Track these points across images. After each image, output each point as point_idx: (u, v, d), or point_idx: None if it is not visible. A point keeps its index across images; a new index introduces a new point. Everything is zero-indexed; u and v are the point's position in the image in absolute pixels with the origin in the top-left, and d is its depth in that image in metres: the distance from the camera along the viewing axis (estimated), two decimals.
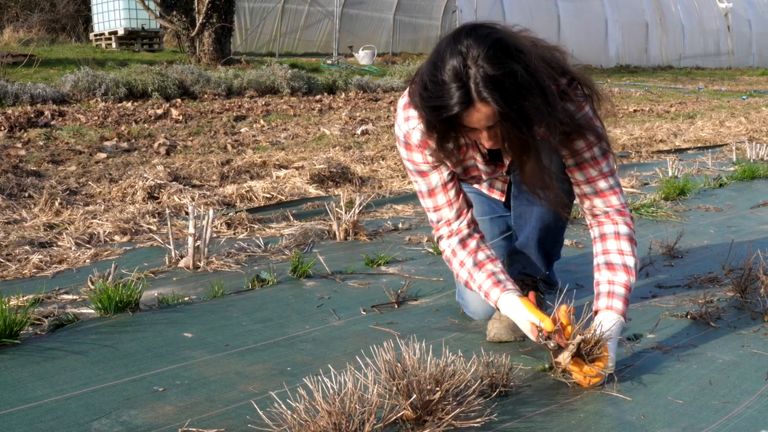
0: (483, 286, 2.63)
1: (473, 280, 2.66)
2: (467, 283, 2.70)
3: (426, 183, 2.71)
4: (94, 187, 5.52)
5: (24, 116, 8.67)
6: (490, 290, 2.61)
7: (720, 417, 2.22)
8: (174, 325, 2.93)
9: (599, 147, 2.59)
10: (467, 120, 2.24)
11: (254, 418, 2.08)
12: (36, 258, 3.71)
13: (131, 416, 2.19)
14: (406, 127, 2.62)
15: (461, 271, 2.70)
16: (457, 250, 2.71)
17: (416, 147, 2.63)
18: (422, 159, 2.65)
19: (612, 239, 2.67)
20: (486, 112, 2.20)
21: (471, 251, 2.69)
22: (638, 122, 11.46)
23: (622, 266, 2.63)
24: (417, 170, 2.70)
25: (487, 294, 2.63)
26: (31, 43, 18.01)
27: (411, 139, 2.62)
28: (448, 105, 2.19)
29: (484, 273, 2.64)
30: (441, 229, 2.75)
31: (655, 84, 20.91)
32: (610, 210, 2.67)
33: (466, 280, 2.69)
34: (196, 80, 11.96)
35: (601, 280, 2.65)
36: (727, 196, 5.83)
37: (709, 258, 3.96)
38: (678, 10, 28.85)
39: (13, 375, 2.45)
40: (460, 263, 2.70)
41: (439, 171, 2.67)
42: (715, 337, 2.83)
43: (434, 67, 2.23)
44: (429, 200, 2.74)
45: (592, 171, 2.61)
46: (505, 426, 2.14)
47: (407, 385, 2.05)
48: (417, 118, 2.47)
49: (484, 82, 2.14)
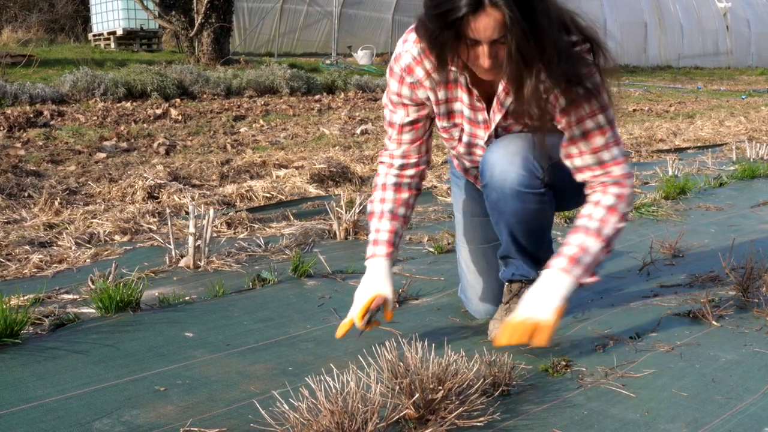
0: (374, 235, 2.74)
1: (375, 220, 2.75)
2: (371, 215, 2.77)
3: (389, 113, 2.72)
4: (94, 187, 5.51)
5: (23, 116, 8.66)
6: (373, 243, 2.73)
7: (723, 413, 2.21)
8: (175, 324, 2.93)
9: (605, 116, 2.45)
10: (473, 28, 2.14)
11: (256, 417, 2.07)
12: (36, 258, 3.70)
13: (133, 416, 2.18)
14: (400, 48, 2.58)
15: (374, 205, 2.77)
16: (388, 183, 2.77)
17: (400, 71, 2.59)
18: (397, 89, 2.63)
19: (591, 206, 2.53)
20: (495, 18, 2.11)
21: (396, 200, 2.76)
22: (638, 122, 11.46)
23: (583, 228, 2.51)
24: (389, 98, 2.70)
25: (373, 242, 2.73)
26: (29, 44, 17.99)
27: (399, 61, 2.58)
28: (456, 6, 2.11)
29: (386, 224, 2.73)
30: (383, 156, 2.79)
31: (654, 84, 20.90)
32: (608, 180, 2.52)
33: (371, 211, 2.77)
34: (195, 80, 11.95)
35: (572, 242, 2.53)
36: (728, 195, 5.83)
37: (710, 257, 3.96)
38: (677, 10, 28.85)
39: (14, 375, 2.44)
40: (381, 199, 2.76)
41: (405, 110, 2.67)
42: (718, 336, 2.82)
43: None
44: (388, 129, 2.76)
45: (598, 140, 2.46)
46: (507, 424, 2.14)
47: (410, 384, 2.05)
48: (415, 42, 2.50)
49: None
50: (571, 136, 2.48)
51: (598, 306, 3.20)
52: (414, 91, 2.61)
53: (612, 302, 3.25)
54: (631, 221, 4.85)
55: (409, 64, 2.55)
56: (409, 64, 2.55)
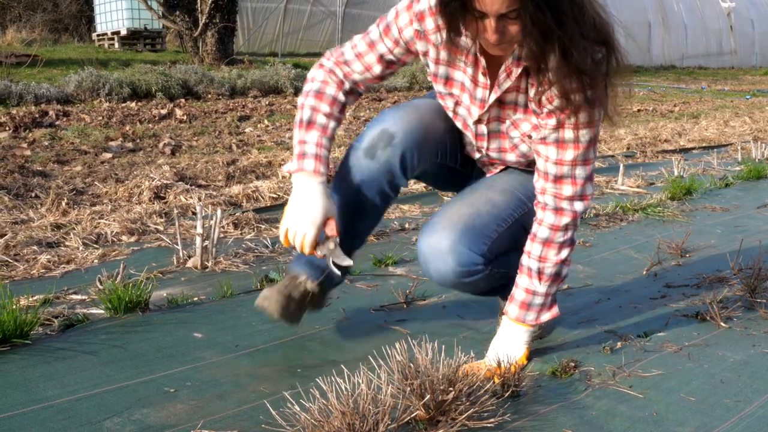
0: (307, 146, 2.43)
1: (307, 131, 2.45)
2: (300, 123, 2.46)
3: (377, 36, 2.46)
4: (101, 187, 5.52)
5: (29, 116, 8.67)
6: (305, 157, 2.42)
7: (732, 416, 2.22)
8: (184, 325, 2.93)
9: (588, 131, 2.34)
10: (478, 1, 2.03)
11: (267, 418, 2.08)
12: (44, 258, 3.71)
13: (143, 415, 2.19)
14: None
15: (306, 111, 2.47)
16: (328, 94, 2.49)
17: (413, 14, 2.37)
18: (403, 24, 2.40)
19: (529, 241, 2.48)
20: None
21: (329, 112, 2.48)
22: (642, 122, 11.46)
23: (526, 269, 2.48)
24: (388, 22, 2.43)
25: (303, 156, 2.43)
26: (34, 44, 18.01)
27: (416, 4, 2.36)
28: None
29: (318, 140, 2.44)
30: (336, 65, 2.52)
31: (658, 84, 20.88)
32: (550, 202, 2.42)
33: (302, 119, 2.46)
34: (199, 80, 11.96)
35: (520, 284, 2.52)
36: (734, 195, 5.83)
37: (717, 258, 3.96)
38: (680, 10, 28.82)
39: (25, 375, 2.45)
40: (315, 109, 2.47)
41: (394, 46, 2.44)
42: (726, 337, 2.83)
43: None
44: (363, 47, 2.49)
45: (568, 154, 2.36)
46: (517, 425, 2.14)
47: (420, 386, 2.05)
48: None
49: None
50: (544, 137, 2.38)
51: (606, 306, 3.21)
52: (415, 39, 2.41)
53: (619, 303, 3.25)
54: (637, 222, 4.85)
55: (423, 11, 2.35)
56: (423, 11, 2.35)
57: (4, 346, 2.62)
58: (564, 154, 2.36)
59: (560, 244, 2.45)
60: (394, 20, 2.41)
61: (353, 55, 2.49)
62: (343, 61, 2.51)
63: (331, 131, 2.47)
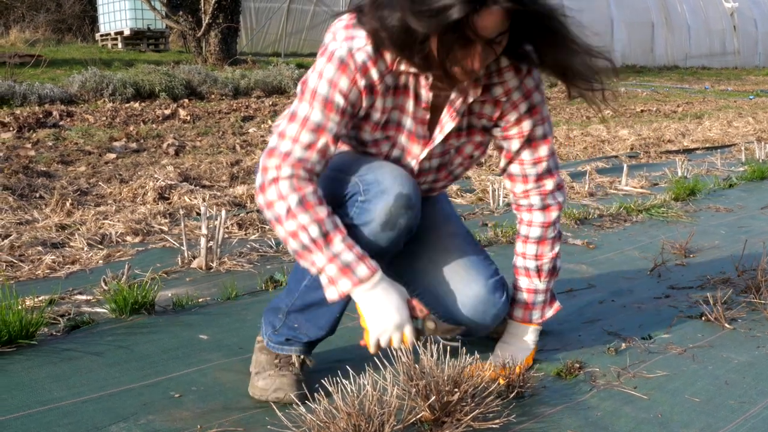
0: (355, 247, 2.12)
1: (332, 241, 2.09)
2: (327, 235, 2.08)
3: (324, 116, 2.12)
4: (105, 188, 5.53)
5: (32, 117, 8.68)
6: (366, 257, 2.12)
7: (737, 417, 2.22)
8: (189, 327, 2.94)
9: (549, 124, 2.39)
10: (479, 26, 1.91)
11: (273, 420, 2.08)
12: (49, 258, 3.72)
13: (149, 420, 2.19)
14: (348, 45, 2.11)
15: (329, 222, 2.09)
16: (312, 200, 2.09)
17: (355, 70, 2.11)
18: (346, 87, 2.12)
19: (521, 243, 2.51)
20: (501, 13, 1.92)
21: (329, 210, 2.11)
22: (646, 122, 11.45)
23: (524, 270, 2.53)
24: (327, 99, 2.11)
25: (363, 258, 2.11)
26: (37, 44, 18.03)
27: (354, 57, 2.10)
28: (455, 3, 1.85)
29: (350, 239, 2.13)
30: (302, 170, 2.10)
31: (661, 84, 20.87)
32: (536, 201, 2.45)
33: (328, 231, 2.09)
34: (203, 80, 11.97)
35: (520, 286, 2.54)
36: (737, 196, 5.82)
37: (721, 258, 3.96)
38: (684, 10, 28.79)
39: (30, 376, 2.46)
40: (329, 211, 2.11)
41: (341, 120, 2.14)
42: (730, 338, 2.83)
43: None
44: (310, 135, 2.11)
45: (542, 150, 2.38)
46: (523, 427, 2.15)
47: (425, 387, 2.05)
48: (366, 38, 2.09)
49: None
50: (512, 144, 2.38)
51: (610, 307, 3.21)
52: (362, 97, 2.17)
53: (623, 303, 3.25)
54: (641, 222, 4.85)
55: (364, 62, 2.11)
56: (364, 63, 2.11)
57: (9, 346, 2.63)
58: (540, 152, 2.39)
59: (552, 240, 2.51)
60: (332, 91, 2.12)
61: (303, 149, 2.11)
62: (297, 159, 2.11)
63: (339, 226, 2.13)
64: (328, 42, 2.16)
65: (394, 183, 2.19)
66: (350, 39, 2.12)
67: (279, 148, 2.12)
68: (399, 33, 1.97)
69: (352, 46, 2.10)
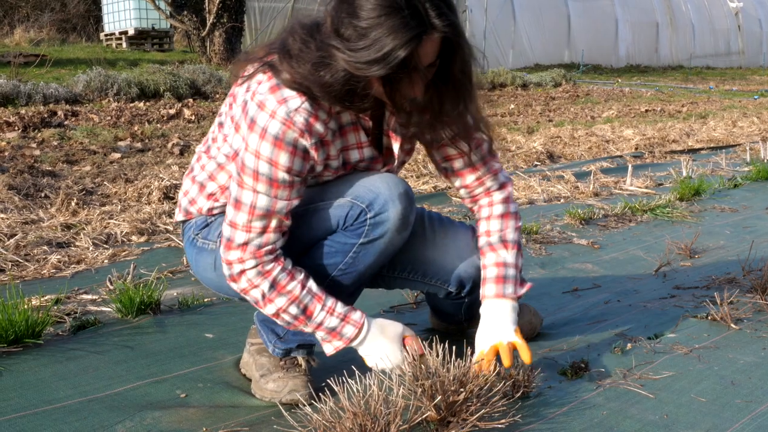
0: (336, 309, 2.21)
1: (312, 313, 2.19)
2: (306, 310, 2.18)
3: (270, 199, 2.09)
4: (110, 188, 5.54)
5: (37, 116, 8.70)
6: (349, 315, 2.23)
7: (743, 416, 2.21)
8: (195, 326, 2.94)
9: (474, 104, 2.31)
10: (420, 54, 1.94)
11: (279, 419, 2.09)
12: (54, 258, 3.72)
13: (155, 418, 2.19)
14: (284, 111, 2.03)
15: (305, 296, 2.17)
16: (294, 271, 2.18)
17: (294, 138, 2.05)
18: (287, 162, 2.06)
19: (484, 222, 2.49)
20: (438, 39, 1.96)
21: (301, 282, 2.18)
22: (650, 122, 11.44)
23: (488, 246, 2.46)
24: (270, 178, 2.07)
25: (345, 318, 2.22)
26: (42, 43, 18.08)
27: (291, 127, 2.04)
28: (401, 44, 1.87)
29: (330, 300, 2.21)
30: (265, 256, 2.14)
31: (665, 84, 20.87)
32: (492, 183, 2.48)
33: (306, 305, 2.18)
34: (207, 80, 11.99)
35: (488, 263, 2.46)
36: (742, 196, 5.81)
37: (727, 259, 3.96)
38: (688, 10, 28.79)
39: (37, 375, 2.46)
40: (301, 285, 2.18)
41: (292, 189, 2.11)
42: (736, 339, 2.82)
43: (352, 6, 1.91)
44: (261, 220, 2.11)
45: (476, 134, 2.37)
46: (529, 427, 2.14)
47: (431, 387, 2.05)
48: (298, 96, 2.04)
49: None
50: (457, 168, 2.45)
51: (615, 307, 3.20)
52: (311, 155, 2.12)
53: (629, 303, 3.25)
54: (646, 222, 4.85)
55: (307, 120, 2.05)
56: (307, 121, 2.05)
57: (16, 346, 2.64)
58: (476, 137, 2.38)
59: (514, 214, 2.50)
60: (273, 170, 2.06)
61: (258, 235, 2.13)
62: (256, 246, 2.13)
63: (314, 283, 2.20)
64: (254, 114, 2.06)
65: (390, 187, 2.22)
66: (283, 102, 2.04)
67: (235, 239, 2.14)
68: (340, 86, 1.97)
69: (289, 109, 2.04)
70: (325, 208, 2.24)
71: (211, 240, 2.35)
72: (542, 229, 4.52)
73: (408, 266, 2.57)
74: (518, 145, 8.24)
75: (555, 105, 14.27)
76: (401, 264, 2.56)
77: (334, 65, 1.95)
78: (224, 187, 2.31)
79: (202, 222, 2.39)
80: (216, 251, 2.31)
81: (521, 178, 6.22)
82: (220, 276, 2.27)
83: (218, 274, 2.29)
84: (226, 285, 2.26)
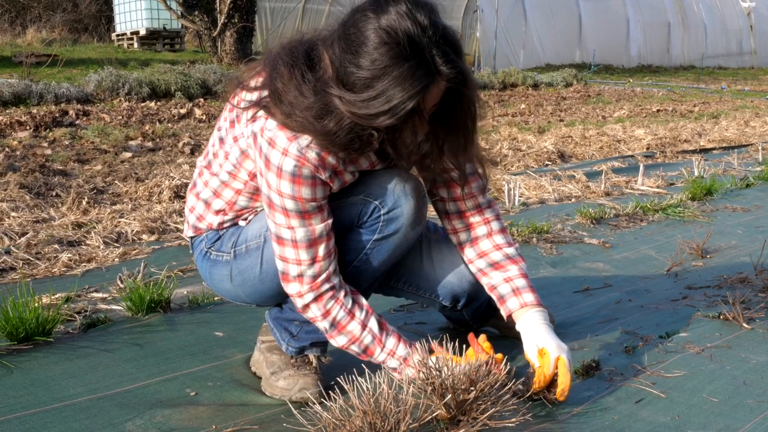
0: (397, 353, 2.26)
1: (373, 354, 2.27)
2: (367, 350, 2.26)
3: (307, 229, 2.13)
4: (121, 187, 5.55)
5: (49, 116, 8.72)
6: (408, 359, 2.26)
7: (755, 416, 2.20)
8: (205, 324, 2.94)
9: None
10: (427, 100, 1.96)
11: (288, 417, 2.08)
12: (65, 257, 3.73)
13: (165, 416, 2.19)
14: (295, 148, 2.03)
15: (365, 336, 2.24)
16: (354, 310, 2.24)
17: (311, 173, 2.07)
18: (311, 194, 2.09)
19: (486, 241, 2.46)
20: (443, 87, 1.98)
21: (369, 309, 2.27)
22: (662, 122, 11.40)
23: (506, 259, 2.45)
24: (300, 211, 2.11)
25: (405, 361, 2.26)
26: (53, 43, 18.13)
27: (306, 164, 2.05)
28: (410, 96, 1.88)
29: (390, 342, 2.27)
30: (322, 286, 2.19)
31: (677, 84, 20.79)
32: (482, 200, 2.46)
33: (367, 346, 2.25)
34: (218, 80, 12.00)
35: (496, 283, 2.44)
36: (755, 196, 5.78)
37: (739, 258, 3.93)
38: (700, 10, 28.67)
39: (47, 373, 2.47)
40: (361, 326, 2.24)
41: (323, 211, 2.14)
42: (748, 338, 2.80)
43: (356, 55, 1.89)
44: (307, 251, 2.15)
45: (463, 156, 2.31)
46: (540, 427, 2.13)
47: (441, 385, 2.04)
48: (310, 146, 2.04)
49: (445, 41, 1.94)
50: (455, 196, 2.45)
51: (627, 307, 3.19)
52: (326, 186, 2.14)
53: (641, 303, 3.23)
54: (657, 222, 4.83)
55: (317, 156, 2.05)
56: (317, 157, 2.05)
57: (26, 344, 2.64)
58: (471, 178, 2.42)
59: (506, 228, 2.52)
60: (299, 204, 2.10)
61: (309, 266, 2.17)
62: (311, 277, 2.18)
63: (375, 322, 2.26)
64: (267, 152, 2.06)
65: (401, 183, 2.24)
66: (294, 139, 2.03)
67: (289, 272, 2.19)
68: (345, 134, 1.96)
69: (300, 146, 2.03)
70: (339, 207, 2.24)
71: (224, 252, 2.36)
72: (553, 228, 4.51)
73: (403, 277, 2.60)
74: (529, 145, 8.22)
75: (566, 105, 14.24)
76: (397, 274, 2.58)
77: (337, 113, 1.94)
78: (231, 203, 2.32)
79: (213, 236, 2.40)
80: (231, 263, 2.34)
81: (532, 177, 6.20)
82: (236, 287, 2.32)
83: (234, 285, 2.34)
84: (243, 294, 2.33)
